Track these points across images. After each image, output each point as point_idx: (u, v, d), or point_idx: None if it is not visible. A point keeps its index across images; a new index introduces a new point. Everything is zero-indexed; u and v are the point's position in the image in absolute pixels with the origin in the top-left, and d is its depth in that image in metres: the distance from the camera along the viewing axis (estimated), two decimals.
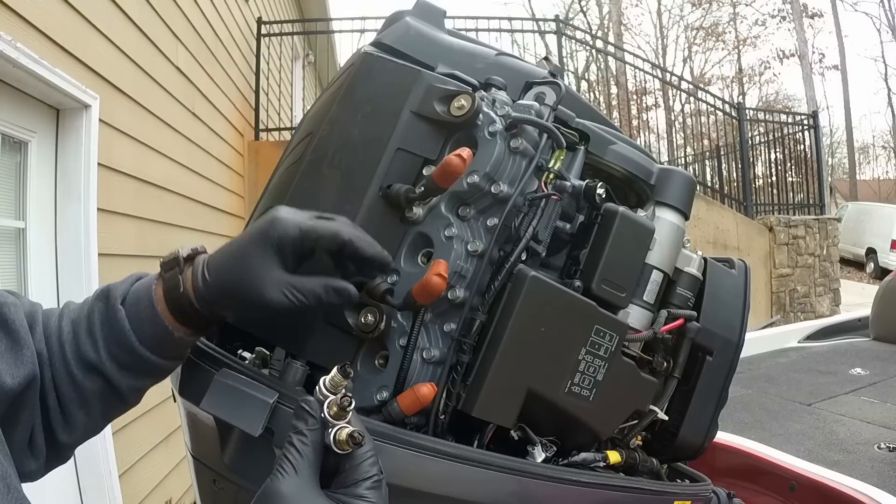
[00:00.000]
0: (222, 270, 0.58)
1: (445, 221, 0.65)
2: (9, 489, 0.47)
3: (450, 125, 0.67)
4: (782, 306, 7.76)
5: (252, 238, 0.58)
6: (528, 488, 0.61)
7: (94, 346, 0.59)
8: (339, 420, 0.51)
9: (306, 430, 0.51)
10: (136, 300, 0.60)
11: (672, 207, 0.79)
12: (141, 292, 0.60)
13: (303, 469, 0.49)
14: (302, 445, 0.50)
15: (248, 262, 0.57)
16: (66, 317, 0.61)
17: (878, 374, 2.31)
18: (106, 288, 0.62)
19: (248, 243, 0.58)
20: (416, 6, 0.80)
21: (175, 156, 3.55)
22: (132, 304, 0.60)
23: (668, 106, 13.46)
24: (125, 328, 0.59)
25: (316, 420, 0.51)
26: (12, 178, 2.39)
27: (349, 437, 0.49)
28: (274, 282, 0.57)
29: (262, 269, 0.57)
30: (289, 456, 0.50)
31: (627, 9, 21.72)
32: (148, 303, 0.59)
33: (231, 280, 0.58)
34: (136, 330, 0.59)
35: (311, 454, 0.50)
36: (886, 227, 13.85)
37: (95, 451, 2.52)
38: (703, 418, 0.80)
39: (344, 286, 0.59)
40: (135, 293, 0.60)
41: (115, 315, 0.59)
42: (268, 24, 6.07)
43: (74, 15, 2.49)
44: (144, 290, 0.60)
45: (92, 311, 0.61)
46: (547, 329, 0.64)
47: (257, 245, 0.57)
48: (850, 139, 24.36)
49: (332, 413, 0.51)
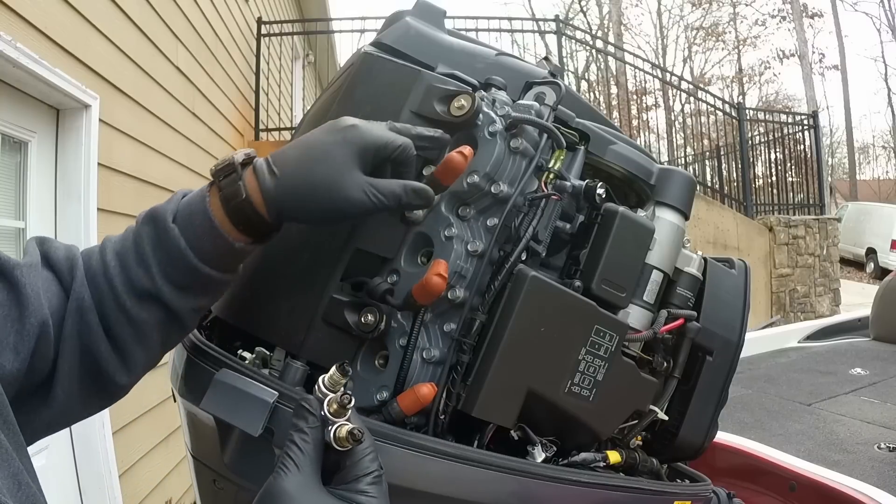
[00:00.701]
0: (300, 168, 0.56)
1: (445, 221, 0.65)
2: (20, 486, 0.46)
3: (450, 125, 0.67)
4: (782, 306, 7.77)
5: (332, 138, 0.57)
6: (528, 488, 0.61)
7: (147, 273, 0.57)
8: (338, 417, 0.51)
9: (307, 428, 0.51)
10: (189, 215, 0.57)
11: (672, 207, 0.78)
12: (194, 206, 0.57)
13: (305, 466, 0.49)
14: (303, 443, 0.50)
15: (330, 160, 0.56)
16: (109, 250, 0.58)
17: (878, 374, 2.31)
18: (151, 210, 0.59)
19: (328, 143, 0.57)
20: (416, 6, 0.80)
21: (175, 156, 3.56)
22: (184, 220, 0.57)
23: (668, 106, 13.48)
24: (180, 247, 0.56)
25: (316, 418, 0.51)
26: (12, 178, 2.39)
27: (349, 433, 0.50)
28: (356, 182, 0.56)
29: (344, 168, 0.55)
30: (290, 454, 0.50)
31: (627, 9, 21.74)
32: (204, 216, 0.56)
33: (310, 178, 0.56)
34: (194, 247, 0.56)
35: (313, 451, 0.50)
36: (886, 227, 13.86)
37: (95, 451, 2.52)
38: (703, 418, 0.80)
39: (423, 187, 0.59)
40: (186, 208, 0.57)
41: (166, 235, 0.56)
42: (268, 24, 6.08)
43: (74, 15, 2.49)
44: (198, 204, 0.57)
45: (140, 237, 0.58)
46: (547, 329, 0.64)
47: (339, 145, 0.56)
48: (850, 139, 24.38)
49: (331, 411, 0.51)
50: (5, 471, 0.45)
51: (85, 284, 0.57)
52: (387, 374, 0.63)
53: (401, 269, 0.65)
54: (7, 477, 0.45)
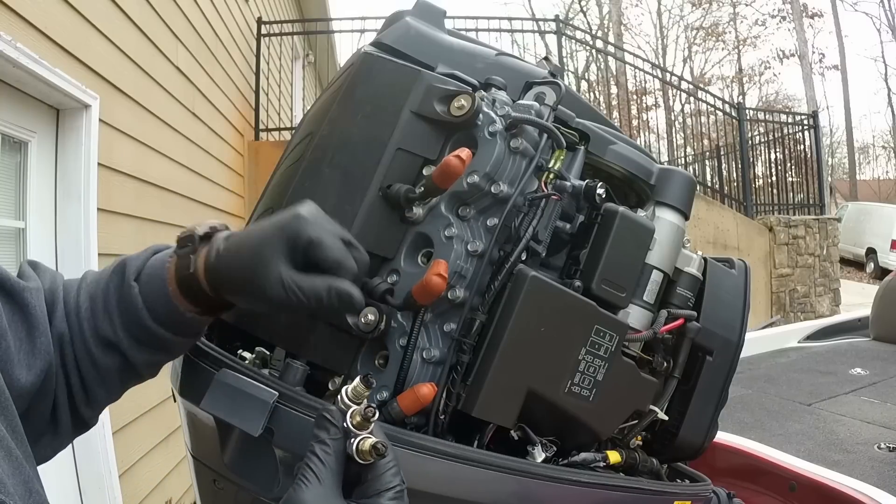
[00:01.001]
0: (231, 254, 0.57)
1: (445, 221, 0.65)
2: (30, 493, 0.47)
3: (450, 125, 0.67)
4: (782, 306, 7.77)
5: (272, 224, 0.56)
6: (528, 488, 0.61)
7: (110, 323, 0.59)
8: (361, 430, 0.50)
9: (329, 440, 0.50)
10: (150, 277, 0.59)
11: (672, 207, 0.78)
12: (156, 268, 0.59)
13: (326, 478, 0.49)
14: (325, 455, 0.49)
15: (257, 250, 0.56)
16: (83, 291, 0.61)
17: (878, 374, 2.31)
18: (123, 261, 0.61)
19: (267, 228, 0.56)
20: (416, 6, 0.80)
21: (175, 156, 3.55)
22: (146, 281, 0.59)
23: (668, 106, 13.47)
24: (137, 306, 0.58)
25: (338, 429, 0.50)
26: (12, 178, 2.39)
27: (373, 447, 0.49)
28: (277, 275, 0.54)
29: (269, 256, 0.54)
30: (311, 465, 0.49)
31: (627, 9, 21.73)
32: (160, 281, 0.58)
33: (237, 262, 0.56)
34: (150, 308, 0.58)
35: (334, 463, 0.49)
36: (886, 227, 13.86)
37: (95, 451, 2.52)
38: (703, 418, 0.80)
39: (347, 290, 0.54)
40: (150, 268, 0.60)
41: (129, 292, 0.59)
42: (268, 24, 6.07)
43: (74, 15, 2.49)
44: (158, 267, 0.59)
45: (108, 287, 0.60)
46: (547, 329, 0.64)
47: (274, 232, 0.56)
48: (850, 139, 24.38)
49: (354, 423, 0.50)
50: (18, 478, 0.46)
51: (64, 319, 0.60)
52: (387, 374, 0.63)
53: (401, 269, 0.65)
54: (19, 484, 0.46)
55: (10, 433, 0.49)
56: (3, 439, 0.47)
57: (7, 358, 0.53)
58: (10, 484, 0.45)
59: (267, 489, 0.60)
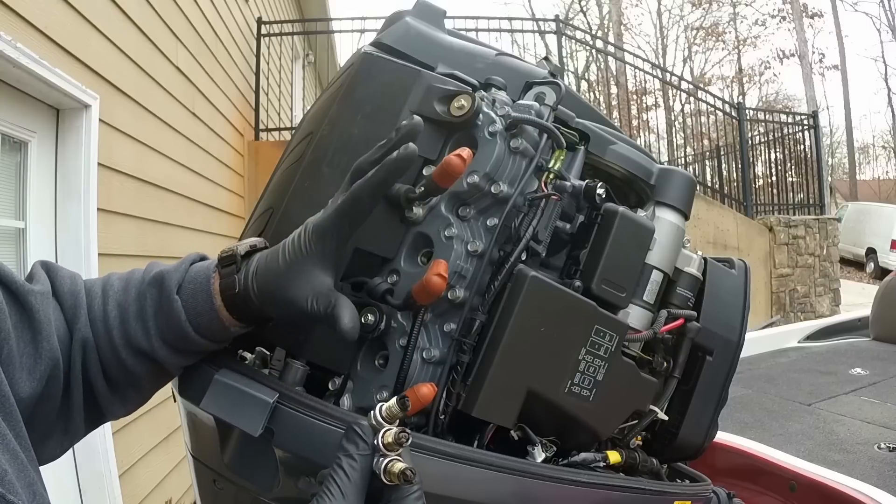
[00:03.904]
0: (271, 273, 0.58)
1: (445, 221, 0.65)
2: (35, 496, 0.48)
3: (450, 125, 0.67)
4: (782, 306, 7.77)
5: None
6: (528, 488, 0.61)
7: (145, 332, 0.59)
8: (390, 451, 0.50)
9: (356, 455, 0.50)
10: (194, 291, 0.59)
11: (672, 207, 0.78)
12: (200, 283, 0.60)
13: (350, 494, 0.48)
14: (351, 469, 0.49)
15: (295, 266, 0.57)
16: (111, 299, 0.61)
17: (878, 374, 2.31)
18: (160, 273, 0.61)
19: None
20: (416, 6, 0.80)
21: (175, 156, 3.56)
22: (188, 294, 0.59)
23: (668, 106, 13.48)
24: (181, 319, 0.58)
25: (367, 445, 0.50)
26: (12, 178, 2.39)
27: (402, 472, 0.48)
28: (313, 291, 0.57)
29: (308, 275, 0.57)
30: (336, 479, 0.49)
31: (627, 9, 21.74)
32: (206, 297, 0.59)
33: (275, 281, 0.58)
34: (193, 322, 0.59)
35: (360, 480, 0.49)
36: (886, 227, 13.86)
37: (95, 451, 2.52)
38: (703, 418, 0.80)
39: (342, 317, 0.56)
40: (192, 283, 0.60)
41: (170, 305, 0.59)
42: (268, 24, 6.08)
43: (74, 15, 2.49)
44: (202, 282, 0.60)
45: (144, 297, 0.60)
46: (547, 329, 0.64)
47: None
48: (850, 139, 24.38)
49: (385, 443, 0.50)
50: (23, 481, 0.47)
51: (88, 325, 0.60)
52: (387, 374, 0.63)
53: (401, 269, 0.65)
54: (25, 487, 0.47)
55: (14, 436, 0.49)
56: (8, 442, 0.47)
57: (10, 362, 0.53)
58: (18, 486, 0.45)
59: (267, 489, 0.60)
